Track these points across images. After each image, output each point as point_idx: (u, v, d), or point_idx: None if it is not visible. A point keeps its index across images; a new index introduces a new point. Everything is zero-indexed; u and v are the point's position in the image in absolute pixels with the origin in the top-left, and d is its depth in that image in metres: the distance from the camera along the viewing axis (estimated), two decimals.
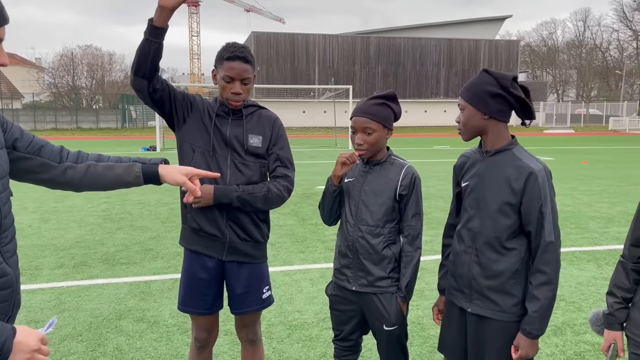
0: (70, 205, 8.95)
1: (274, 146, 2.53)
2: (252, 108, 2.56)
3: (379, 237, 2.38)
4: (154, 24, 2.20)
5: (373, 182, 2.40)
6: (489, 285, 2.05)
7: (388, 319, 2.39)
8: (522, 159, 2.01)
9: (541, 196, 1.95)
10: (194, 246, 2.53)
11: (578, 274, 5.24)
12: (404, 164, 2.44)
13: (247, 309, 2.59)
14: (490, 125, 2.04)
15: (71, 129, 44.57)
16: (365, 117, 2.35)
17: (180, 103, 2.48)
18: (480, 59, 51.55)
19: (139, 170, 1.87)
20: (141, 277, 5.18)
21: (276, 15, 77.11)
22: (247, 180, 2.48)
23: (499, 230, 2.02)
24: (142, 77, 2.29)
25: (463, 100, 2.07)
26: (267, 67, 47.35)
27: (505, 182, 2.00)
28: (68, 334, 3.85)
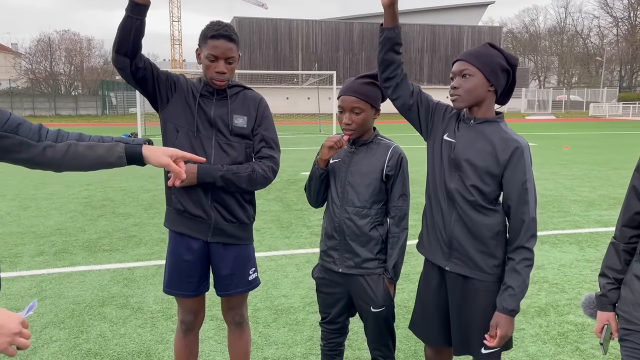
0: (50, 192, 8.79)
1: (258, 127, 2.49)
2: (237, 88, 2.52)
3: (366, 218, 2.36)
4: (135, 1, 2.15)
5: (359, 162, 2.37)
6: (471, 244, 2.07)
7: (375, 300, 2.38)
8: (507, 132, 2.04)
9: (526, 172, 1.98)
10: (179, 228, 2.49)
11: (561, 257, 5.30)
12: (391, 144, 2.41)
13: (234, 290, 2.56)
14: (488, 97, 2.05)
15: (50, 116, 43.76)
16: (354, 97, 2.31)
17: (163, 82, 2.42)
18: (464, 45, 51.67)
19: (122, 150, 1.81)
20: (124, 263, 5.10)
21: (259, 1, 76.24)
22: (232, 161, 2.43)
23: (478, 195, 2.04)
24: (124, 55, 2.23)
25: (473, 66, 2.01)
26: (250, 52, 46.90)
27: (491, 152, 2.01)
28: (50, 321, 3.78)
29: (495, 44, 2.09)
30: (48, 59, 52.48)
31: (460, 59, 2.06)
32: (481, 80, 2.01)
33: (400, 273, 2.47)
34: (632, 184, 1.90)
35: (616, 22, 68.49)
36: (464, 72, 2.02)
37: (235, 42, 2.38)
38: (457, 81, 2.04)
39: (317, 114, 29.52)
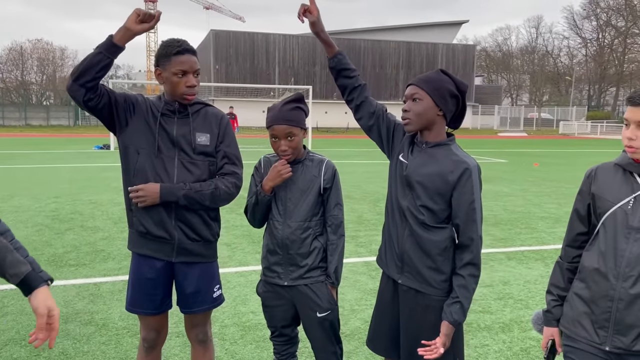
0: (16, 205, 8.60)
1: (221, 143, 2.51)
2: (198, 105, 2.52)
3: (308, 230, 2.49)
4: (113, 40, 2.20)
5: (297, 180, 2.50)
6: (420, 259, 2.15)
7: (321, 304, 2.50)
8: (458, 154, 2.13)
9: (473, 192, 2.07)
10: (142, 250, 2.48)
11: (526, 273, 5.41)
12: (323, 159, 2.57)
13: (198, 308, 2.56)
14: (438, 121, 2.14)
15: (20, 126, 42.84)
16: (286, 124, 2.43)
17: (121, 106, 2.41)
18: (438, 62, 52.59)
19: (23, 273, 1.68)
20: (90, 279, 5.02)
21: (236, 14, 76.48)
22: (196, 179, 2.44)
23: (428, 214, 2.13)
24: (81, 86, 2.24)
25: (422, 90, 2.10)
26: (227, 65, 46.88)
27: (440, 173, 2.09)
28: (11, 338, 3.69)
29: (447, 70, 2.19)
30: (19, 68, 51.54)
31: (412, 83, 2.15)
32: (430, 104, 2.10)
33: (369, 289, 2.53)
34: (574, 207, 2.01)
35: (585, 43, 70.71)
36: (414, 96, 2.12)
37: (196, 56, 2.44)
38: (408, 104, 2.14)
39: None
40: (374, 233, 6.99)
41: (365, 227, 7.41)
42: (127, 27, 2.20)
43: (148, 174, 2.39)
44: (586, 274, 1.90)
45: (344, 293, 4.58)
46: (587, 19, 69.35)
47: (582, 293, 1.91)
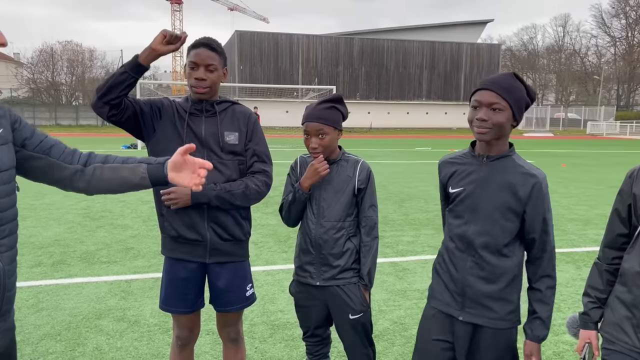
0: (48, 203, 8.81)
1: (249, 142, 2.52)
2: (226, 104, 2.53)
3: (341, 231, 2.49)
4: (139, 60, 2.24)
5: (332, 180, 2.50)
6: (487, 292, 2.02)
7: (353, 307, 2.49)
8: (524, 166, 2.02)
9: (545, 204, 1.99)
10: (175, 254, 2.52)
11: (557, 276, 5.31)
12: (358, 160, 2.56)
13: (231, 307, 2.59)
14: (508, 132, 2.03)
15: (50, 126, 43.84)
16: (318, 122, 2.43)
17: (147, 114, 2.44)
18: (462, 62, 52.09)
19: (144, 171, 1.77)
20: (122, 276, 5.11)
21: (260, 15, 76.93)
22: (227, 179, 2.45)
23: (499, 236, 2.01)
24: (105, 103, 2.28)
25: (504, 100, 1.95)
26: (251, 66, 47.19)
27: (509, 188, 1.99)
28: (47, 333, 3.79)
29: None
30: (50, 69, 52.74)
31: (490, 89, 1.96)
32: (509, 114, 1.97)
33: (397, 289, 2.52)
34: (614, 207, 1.97)
35: (614, 42, 69.16)
36: (495, 105, 1.95)
37: (217, 52, 2.41)
38: (486, 113, 1.96)
39: None
40: (399, 233, 6.96)
41: (391, 227, 7.38)
42: (153, 48, 2.23)
43: None
44: (627, 278, 1.86)
45: (372, 294, 4.57)
46: (616, 17, 67.85)
47: (624, 297, 1.87)
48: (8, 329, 1.66)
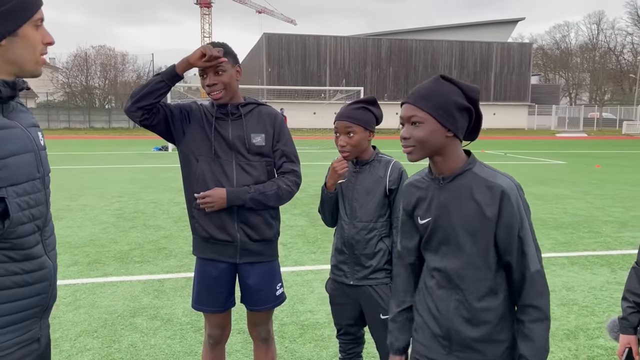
0: (84, 204, 9.05)
1: (277, 142, 2.56)
2: (251, 106, 2.56)
3: (373, 231, 2.50)
4: (176, 70, 2.33)
5: (364, 180, 2.52)
6: (474, 336, 1.69)
7: (384, 307, 2.50)
8: (488, 177, 1.65)
9: (516, 218, 1.62)
10: (206, 254, 2.58)
11: (591, 279, 5.21)
12: (390, 160, 2.56)
13: (262, 306, 2.63)
14: (449, 144, 1.66)
15: (84, 129, 44.99)
16: (347, 121, 2.46)
17: (177, 118, 2.51)
18: (492, 62, 51.33)
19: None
20: (155, 275, 5.23)
21: (287, 17, 77.33)
22: (255, 181, 2.50)
23: (481, 269, 1.67)
24: (139, 108, 2.36)
25: (422, 111, 1.62)
26: (279, 68, 47.47)
27: (476, 211, 1.64)
28: (84, 330, 3.90)
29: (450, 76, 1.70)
30: (84, 73, 54.15)
31: (406, 101, 1.68)
32: (434, 126, 1.62)
33: None
34: None
35: None
36: (412, 119, 1.64)
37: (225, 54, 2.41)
38: (407, 130, 1.66)
39: None
40: None
41: None
42: (190, 62, 2.33)
43: (208, 180, 2.46)
44: None
45: None
46: None
47: None
48: (48, 325, 1.74)
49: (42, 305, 1.61)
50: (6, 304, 1.50)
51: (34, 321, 1.60)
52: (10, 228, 1.44)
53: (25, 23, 1.45)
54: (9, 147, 1.44)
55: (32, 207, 1.51)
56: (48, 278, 1.60)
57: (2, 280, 1.48)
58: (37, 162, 1.56)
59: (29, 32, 1.47)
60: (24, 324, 1.56)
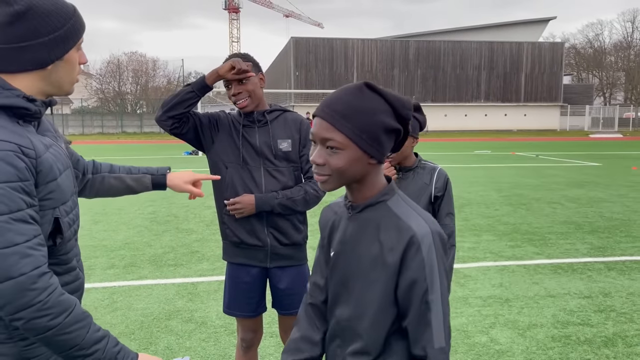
0: (119, 208, 9.27)
1: (304, 148, 2.61)
2: (276, 112, 2.62)
3: None
4: (206, 81, 2.41)
5: (408, 187, 2.51)
6: None
7: None
8: (400, 215, 1.32)
9: (426, 276, 1.25)
10: (237, 259, 2.62)
11: (629, 284, 5.09)
12: (435, 167, 2.55)
13: (293, 309, 2.66)
14: (370, 172, 1.34)
15: (117, 134, 46.01)
16: None
17: (206, 126, 2.58)
18: (523, 62, 50.46)
19: (149, 182, 2.09)
20: (188, 278, 5.33)
21: (315, 20, 77.63)
22: (283, 186, 2.55)
23: (376, 327, 1.33)
24: (170, 117, 2.44)
25: (341, 134, 1.27)
26: (306, 72, 47.66)
27: (377, 254, 1.32)
28: (122, 332, 4.01)
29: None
30: (116, 79, 55.42)
31: (321, 116, 1.31)
32: (355, 154, 1.29)
33: (458, 297, 2.50)
34: None
35: None
36: (329, 143, 1.29)
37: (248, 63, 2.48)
38: (321, 154, 1.31)
39: None
40: (460, 239, 6.85)
41: None
42: (219, 74, 2.40)
43: (237, 186, 2.52)
44: None
45: None
46: None
47: None
48: None
49: None
50: None
51: None
52: (61, 245, 1.48)
53: (72, 48, 1.48)
54: (59, 165, 1.46)
55: (74, 222, 1.56)
56: (80, 288, 1.64)
57: None
58: (73, 177, 1.58)
59: (73, 55, 1.50)
60: None
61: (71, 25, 1.46)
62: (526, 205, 9.57)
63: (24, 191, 1.33)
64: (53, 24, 1.41)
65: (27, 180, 1.34)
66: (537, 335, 3.91)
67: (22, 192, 1.32)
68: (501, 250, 6.39)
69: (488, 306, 4.50)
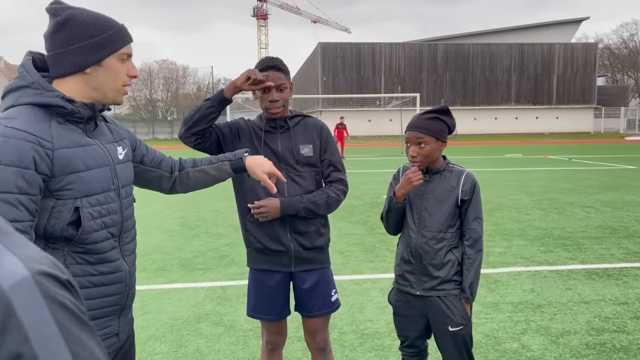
0: (151, 212, 9.44)
1: (324, 152, 2.64)
2: (297, 118, 2.65)
3: (442, 242, 2.47)
4: (225, 95, 2.45)
5: (434, 190, 2.50)
6: None
7: (454, 319, 2.46)
8: None
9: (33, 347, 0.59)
10: (261, 265, 2.65)
11: None
12: (463, 170, 2.53)
13: (317, 312, 2.68)
14: None
15: (148, 140, 46.90)
16: (418, 131, 2.44)
17: (228, 137, 2.62)
18: (555, 63, 49.48)
19: (229, 167, 2.18)
20: (217, 282, 5.39)
21: (342, 25, 77.77)
22: (305, 191, 2.57)
23: None
24: (192, 134, 2.49)
25: None
26: (334, 77, 47.74)
27: None
28: (152, 334, 4.08)
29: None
30: (148, 87, 56.58)
31: None
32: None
33: (489, 302, 2.48)
34: None
35: None
36: None
37: (283, 72, 2.54)
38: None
39: (400, 135, 29.33)
40: (490, 244, 6.74)
41: None
42: (237, 86, 2.44)
43: (260, 192, 2.55)
44: None
45: None
46: None
47: None
48: (130, 320, 1.94)
49: (118, 304, 1.78)
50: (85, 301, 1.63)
51: (112, 318, 1.77)
52: (83, 235, 1.62)
53: (109, 56, 1.63)
54: (87, 162, 1.62)
55: (104, 216, 1.68)
56: (124, 280, 1.77)
57: (80, 280, 1.65)
58: (112, 175, 1.73)
59: (113, 63, 1.64)
60: (103, 320, 1.73)
61: (109, 35, 1.61)
62: (558, 209, 9.37)
63: (21, 177, 1.48)
64: (89, 32, 1.58)
65: (29, 169, 1.50)
66: (571, 343, 3.82)
67: (19, 177, 1.48)
68: (533, 255, 6.27)
69: (519, 312, 4.41)
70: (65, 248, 1.63)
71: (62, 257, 1.63)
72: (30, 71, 1.60)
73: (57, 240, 1.62)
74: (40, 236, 1.60)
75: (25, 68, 1.61)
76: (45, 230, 1.60)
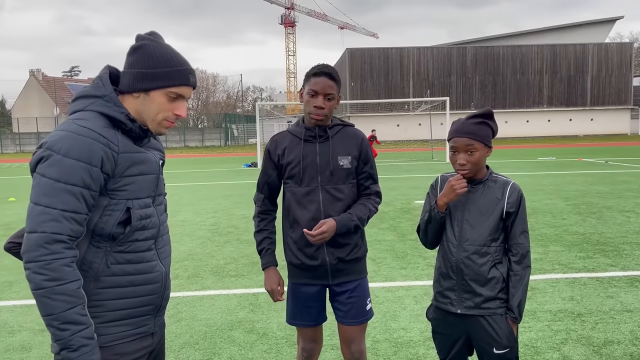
0: (182, 220, 9.57)
1: (364, 164, 2.62)
2: (337, 127, 2.62)
3: (486, 256, 2.31)
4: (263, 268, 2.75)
5: (477, 201, 2.35)
6: None
7: (499, 341, 2.31)
8: None
9: None
10: (300, 279, 2.69)
11: None
12: (508, 181, 2.38)
13: (353, 320, 2.66)
14: None
15: (179, 148, 47.67)
16: (467, 137, 2.30)
17: (279, 175, 2.67)
18: (588, 64, 48.36)
19: None
20: (249, 289, 5.40)
21: (369, 31, 77.75)
22: (345, 206, 2.57)
23: None
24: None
25: None
26: (362, 82, 47.72)
27: None
28: (186, 341, 4.11)
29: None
30: None
31: None
32: None
33: (526, 310, 2.40)
34: None
35: None
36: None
37: (335, 81, 2.49)
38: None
39: (430, 140, 29.06)
40: None
41: None
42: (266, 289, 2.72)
43: (295, 206, 2.58)
44: None
45: None
46: None
47: None
48: (163, 324, 1.99)
49: (154, 304, 1.85)
50: (122, 299, 1.76)
51: (148, 317, 1.84)
52: (129, 233, 1.74)
53: (157, 90, 1.74)
54: (141, 167, 1.77)
55: (144, 218, 1.78)
56: (159, 280, 1.84)
57: (119, 279, 1.74)
58: (156, 183, 1.86)
59: (158, 97, 1.75)
60: (139, 319, 1.81)
61: (165, 71, 1.73)
62: (596, 214, 9.09)
63: (87, 173, 1.62)
64: (148, 63, 1.72)
65: (96, 167, 1.63)
66: (614, 353, 3.68)
67: (86, 173, 1.61)
68: (571, 261, 6.09)
69: (559, 321, 4.28)
70: (108, 248, 1.72)
71: (104, 256, 1.71)
72: (105, 84, 1.75)
73: (103, 239, 1.71)
74: (88, 232, 1.69)
75: (102, 80, 1.76)
76: (96, 226, 1.69)
